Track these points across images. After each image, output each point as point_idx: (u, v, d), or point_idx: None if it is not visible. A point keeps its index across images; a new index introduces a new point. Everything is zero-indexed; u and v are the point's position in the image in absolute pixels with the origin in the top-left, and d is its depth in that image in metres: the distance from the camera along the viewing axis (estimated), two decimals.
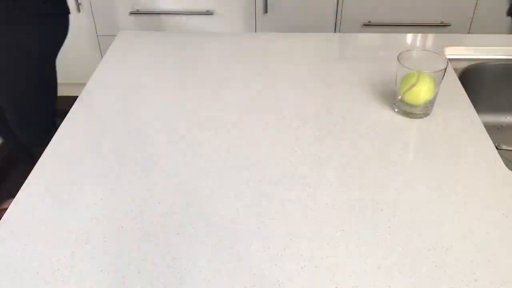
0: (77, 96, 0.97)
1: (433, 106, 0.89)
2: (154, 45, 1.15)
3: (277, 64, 1.05)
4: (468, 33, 2.05)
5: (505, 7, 1.93)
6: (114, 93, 0.97)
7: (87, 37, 2.23)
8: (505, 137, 1.10)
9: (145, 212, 0.70)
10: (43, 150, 0.81)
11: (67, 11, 1.41)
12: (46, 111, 1.52)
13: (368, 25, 2.06)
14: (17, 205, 0.72)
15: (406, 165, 0.78)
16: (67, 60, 2.32)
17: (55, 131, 0.85)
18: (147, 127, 0.87)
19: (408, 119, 0.88)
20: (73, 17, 2.17)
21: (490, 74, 1.10)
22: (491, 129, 1.10)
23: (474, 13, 2.02)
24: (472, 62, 1.09)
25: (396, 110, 0.90)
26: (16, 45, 1.31)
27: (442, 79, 0.85)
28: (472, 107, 0.91)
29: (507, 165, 0.77)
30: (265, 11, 2.05)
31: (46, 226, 0.68)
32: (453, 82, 0.98)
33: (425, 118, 0.88)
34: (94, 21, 2.18)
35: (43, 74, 1.44)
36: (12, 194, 0.75)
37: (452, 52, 1.11)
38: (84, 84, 1.01)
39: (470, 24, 2.05)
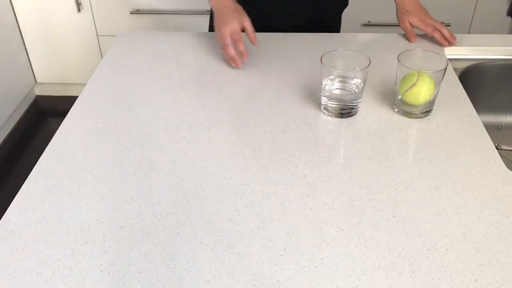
0: (77, 96, 0.97)
1: (433, 106, 0.89)
2: (154, 45, 1.15)
3: (277, 64, 1.05)
4: (468, 33, 2.05)
5: (505, 7, 1.93)
6: (114, 93, 0.97)
7: (87, 37, 2.23)
8: (505, 137, 1.10)
9: (145, 212, 0.70)
10: None
11: None
12: None
13: (368, 25, 2.06)
14: (17, 205, 0.72)
15: (406, 165, 0.78)
16: (67, 60, 2.32)
17: None
18: (147, 127, 0.87)
19: (408, 119, 0.88)
20: (73, 17, 2.17)
21: (490, 74, 1.10)
22: (491, 129, 1.10)
23: (474, 13, 2.02)
24: (472, 62, 1.09)
25: (396, 110, 0.90)
26: None
27: (442, 79, 0.85)
28: (472, 107, 0.91)
29: (507, 165, 0.77)
30: None
31: (46, 226, 0.68)
32: (453, 82, 0.99)
33: (425, 118, 0.88)
34: (94, 21, 2.18)
35: None
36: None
37: (452, 52, 1.11)
38: (84, 84, 1.01)
39: (470, 24, 2.05)
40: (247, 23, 1.03)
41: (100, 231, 0.67)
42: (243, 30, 1.03)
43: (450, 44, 1.11)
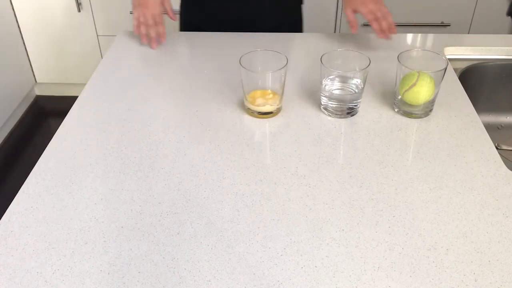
0: (77, 96, 0.97)
1: (433, 106, 0.89)
2: None
3: (277, 64, 1.05)
4: (468, 33, 2.05)
5: (505, 7, 1.94)
6: (114, 93, 0.97)
7: (87, 37, 2.23)
8: (505, 137, 1.10)
9: (145, 212, 0.70)
10: None
11: None
12: None
13: (368, 25, 2.06)
14: (17, 205, 0.72)
15: (406, 165, 0.78)
16: (67, 60, 2.32)
17: None
18: (147, 127, 0.87)
19: (408, 119, 0.88)
20: (73, 17, 2.17)
21: (490, 74, 1.10)
22: (491, 129, 1.10)
23: (474, 13, 2.02)
24: (472, 62, 1.09)
25: (396, 110, 0.90)
26: None
27: (442, 79, 0.85)
28: (472, 107, 0.91)
29: (507, 165, 0.77)
30: None
31: (46, 226, 0.68)
32: (453, 82, 0.99)
33: (425, 118, 0.88)
34: (94, 21, 2.18)
35: None
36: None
37: (452, 52, 1.11)
38: (84, 84, 1.01)
39: (470, 24, 2.05)
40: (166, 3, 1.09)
41: (100, 231, 0.67)
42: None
43: (385, 37, 1.02)
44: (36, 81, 2.42)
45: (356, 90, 0.87)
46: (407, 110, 0.88)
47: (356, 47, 1.13)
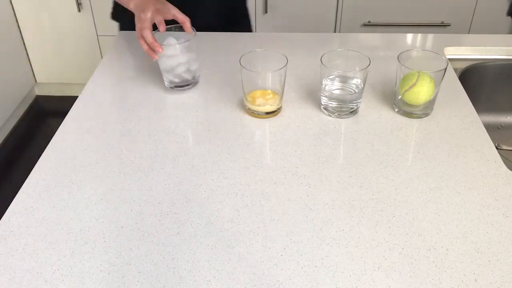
0: (77, 96, 0.97)
1: (433, 106, 0.89)
2: None
3: (277, 63, 1.05)
4: (468, 33, 2.05)
5: (505, 7, 1.94)
6: (114, 93, 0.97)
7: (87, 37, 2.23)
8: (505, 137, 1.10)
9: (145, 212, 0.70)
10: None
11: None
12: None
13: (368, 25, 2.06)
14: (17, 205, 0.72)
15: (406, 165, 0.78)
16: (67, 60, 2.32)
17: None
18: (147, 127, 0.87)
19: (408, 119, 0.88)
20: (73, 17, 2.17)
21: (490, 74, 1.10)
22: (491, 129, 1.10)
23: (474, 13, 2.02)
24: (472, 62, 1.09)
25: (396, 110, 0.90)
26: None
27: (442, 79, 0.85)
28: (472, 107, 0.91)
29: (507, 165, 0.77)
30: (265, 11, 2.05)
31: (46, 226, 0.68)
32: (453, 82, 0.99)
33: (425, 118, 0.88)
34: (94, 21, 2.18)
35: None
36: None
37: (452, 52, 1.11)
38: (84, 84, 1.01)
39: (470, 24, 2.05)
40: (174, 11, 0.93)
41: (100, 231, 0.67)
42: (172, 22, 0.94)
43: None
44: (36, 81, 2.42)
45: (356, 90, 0.87)
46: (407, 110, 0.88)
47: (356, 47, 1.13)
